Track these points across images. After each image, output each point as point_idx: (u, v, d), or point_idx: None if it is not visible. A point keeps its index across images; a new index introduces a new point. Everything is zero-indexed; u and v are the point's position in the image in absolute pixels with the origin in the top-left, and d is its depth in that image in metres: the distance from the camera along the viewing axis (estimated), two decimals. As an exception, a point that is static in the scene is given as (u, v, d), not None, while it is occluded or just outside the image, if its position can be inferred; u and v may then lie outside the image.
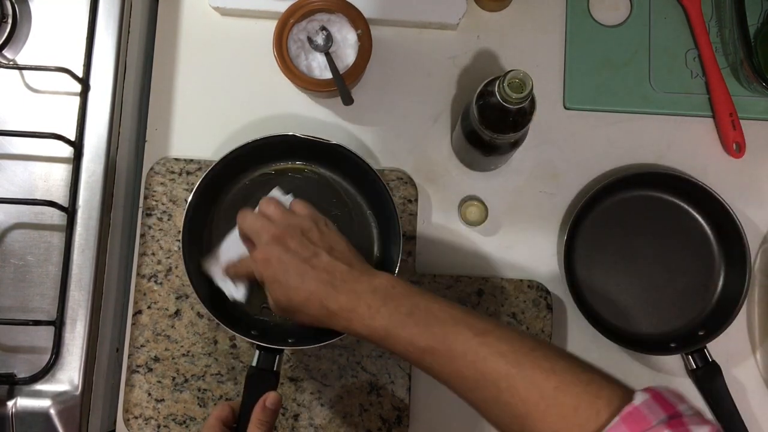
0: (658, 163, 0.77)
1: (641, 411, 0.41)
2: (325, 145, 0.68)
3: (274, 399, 0.56)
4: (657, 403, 0.41)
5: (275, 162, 0.71)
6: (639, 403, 0.41)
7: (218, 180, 0.69)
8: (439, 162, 0.77)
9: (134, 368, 0.71)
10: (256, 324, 0.68)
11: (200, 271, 0.66)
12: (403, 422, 0.71)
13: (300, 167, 0.72)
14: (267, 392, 0.56)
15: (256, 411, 0.55)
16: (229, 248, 0.65)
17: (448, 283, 0.73)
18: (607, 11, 0.80)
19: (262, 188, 0.69)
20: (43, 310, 0.68)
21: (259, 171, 0.71)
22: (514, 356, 0.47)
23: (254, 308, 0.69)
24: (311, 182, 0.71)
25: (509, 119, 0.61)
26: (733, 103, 0.76)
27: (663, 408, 0.41)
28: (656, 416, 0.41)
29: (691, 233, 0.76)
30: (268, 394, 0.56)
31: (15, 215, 0.69)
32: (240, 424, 0.56)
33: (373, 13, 0.75)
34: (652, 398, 0.42)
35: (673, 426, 0.40)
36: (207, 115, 0.77)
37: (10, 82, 0.72)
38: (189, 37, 0.79)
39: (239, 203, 0.70)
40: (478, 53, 0.79)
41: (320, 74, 0.73)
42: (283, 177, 0.71)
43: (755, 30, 0.77)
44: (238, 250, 0.64)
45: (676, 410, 0.41)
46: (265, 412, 0.55)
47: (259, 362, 0.61)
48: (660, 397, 0.42)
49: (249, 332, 0.64)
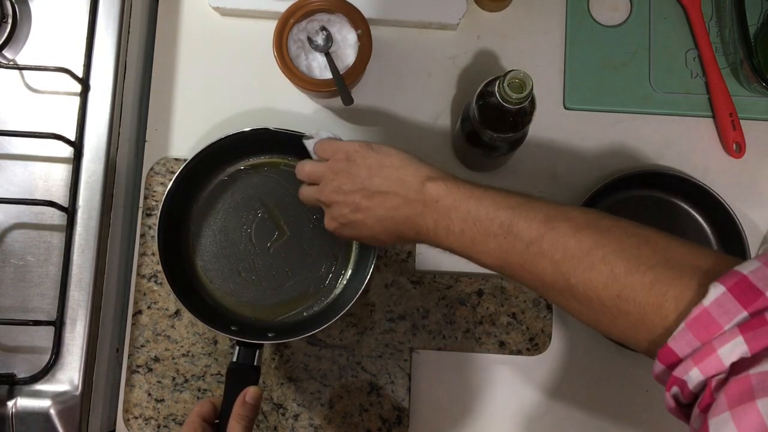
0: (658, 163, 0.77)
1: (710, 313, 0.36)
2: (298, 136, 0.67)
3: (254, 393, 0.56)
4: (735, 296, 0.35)
5: (251, 157, 0.72)
6: (709, 303, 0.36)
7: (192, 178, 0.69)
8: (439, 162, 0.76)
9: (134, 368, 0.71)
10: (235, 319, 0.68)
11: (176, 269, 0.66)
12: (403, 422, 0.71)
13: (276, 161, 0.72)
14: (247, 387, 0.57)
15: (236, 406, 0.55)
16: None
17: (448, 283, 0.73)
18: (607, 11, 0.80)
19: (237, 184, 0.71)
20: (43, 310, 0.68)
21: (234, 166, 0.72)
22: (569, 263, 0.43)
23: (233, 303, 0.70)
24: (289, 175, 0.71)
25: (509, 119, 0.61)
26: (733, 103, 0.76)
27: (743, 302, 0.35)
28: (730, 316, 0.35)
29: (691, 233, 0.76)
30: (248, 388, 0.57)
31: (15, 215, 0.69)
32: (221, 420, 0.56)
33: (373, 13, 0.75)
34: (729, 291, 0.36)
35: (747, 329, 0.34)
36: (207, 115, 0.77)
37: (10, 82, 0.72)
38: (189, 37, 0.79)
39: (216, 201, 0.71)
40: (478, 53, 0.79)
41: (320, 74, 0.73)
42: (258, 171, 0.72)
43: (755, 30, 0.77)
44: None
45: (760, 304, 0.35)
46: (245, 406, 0.55)
47: (239, 357, 0.62)
48: (741, 285, 0.36)
49: (228, 328, 0.65)
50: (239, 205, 0.71)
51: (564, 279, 0.44)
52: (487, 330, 0.72)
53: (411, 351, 0.72)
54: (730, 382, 0.34)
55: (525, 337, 0.72)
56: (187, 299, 0.64)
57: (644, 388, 0.74)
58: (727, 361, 0.35)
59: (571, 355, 0.74)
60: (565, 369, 0.74)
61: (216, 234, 0.71)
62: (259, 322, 0.69)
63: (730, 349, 0.35)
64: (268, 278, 0.70)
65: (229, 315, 0.69)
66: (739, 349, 0.34)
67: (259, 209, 0.71)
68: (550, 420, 0.74)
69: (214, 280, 0.70)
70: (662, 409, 0.73)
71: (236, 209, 0.71)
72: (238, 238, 0.71)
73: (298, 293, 0.70)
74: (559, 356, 0.74)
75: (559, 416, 0.73)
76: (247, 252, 0.70)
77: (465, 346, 0.72)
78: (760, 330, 0.34)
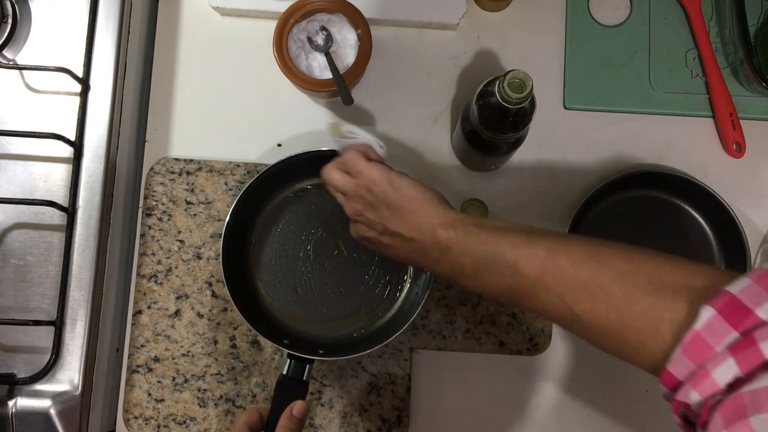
0: (658, 163, 0.77)
1: (702, 337, 0.37)
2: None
3: (301, 408, 0.57)
4: (725, 317, 0.36)
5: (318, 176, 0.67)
6: (700, 326, 0.37)
7: (262, 189, 0.69)
8: (439, 162, 0.77)
9: (134, 368, 0.71)
10: (288, 333, 0.69)
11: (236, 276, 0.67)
12: (403, 422, 0.71)
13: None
14: (294, 401, 0.58)
15: (282, 418, 0.56)
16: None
17: (448, 283, 0.73)
18: (607, 11, 0.80)
19: (301, 201, 0.72)
20: (43, 310, 0.68)
21: (301, 184, 0.72)
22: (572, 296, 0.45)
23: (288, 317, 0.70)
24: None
25: (509, 119, 0.61)
26: (733, 103, 0.76)
27: (733, 322, 0.36)
28: (721, 339, 0.36)
29: (691, 233, 0.76)
30: (296, 402, 0.58)
31: (15, 215, 0.69)
32: (267, 431, 0.57)
33: (373, 13, 0.75)
34: (719, 313, 0.37)
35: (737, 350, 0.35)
36: (207, 115, 0.77)
37: (10, 82, 0.72)
38: (189, 37, 0.79)
39: (280, 215, 0.72)
40: (478, 53, 0.79)
41: (320, 74, 0.73)
42: (321, 190, 0.71)
43: (755, 30, 0.77)
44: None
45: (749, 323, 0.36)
46: (291, 420, 0.56)
47: (289, 371, 0.62)
48: (731, 306, 0.37)
49: (282, 341, 0.65)
50: (301, 221, 0.72)
51: (569, 310, 0.46)
52: (487, 330, 0.72)
53: (411, 351, 0.72)
54: (725, 401, 0.35)
55: (525, 337, 0.72)
56: (245, 308, 0.65)
57: (644, 388, 0.74)
58: (722, 382, 0.36)
59: (571, 355, 0.74)
60: (565, 369, 0.74)
61: (276, 248, 0.71)
62: (311, 338, 0.69)
63: (723, 370, 0.36)
64: (323, 296, 0.71)
65: (283, 327, 0.69)
66: (732, 371, 0.36)
67: (320, 228, 0.71)
68: (551, 420, 0.74)
69: (271, 292, 0.70)
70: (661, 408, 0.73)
71: (298, 225, 0.71)
72: (297, 254, 0.71)
73: (351, 313, 0.70)
74: (559, 356, 0.74)
75: (560, 416, 0.73)
76: (305, 268, 0.71)
77: (465, 346, 0.72)
78: (750, 350, 0.35)
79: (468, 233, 0.52)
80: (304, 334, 0.70)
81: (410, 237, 0.55)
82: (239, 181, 0.74)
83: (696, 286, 0.41)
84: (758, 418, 0.32)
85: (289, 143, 0.77)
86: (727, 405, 0.35)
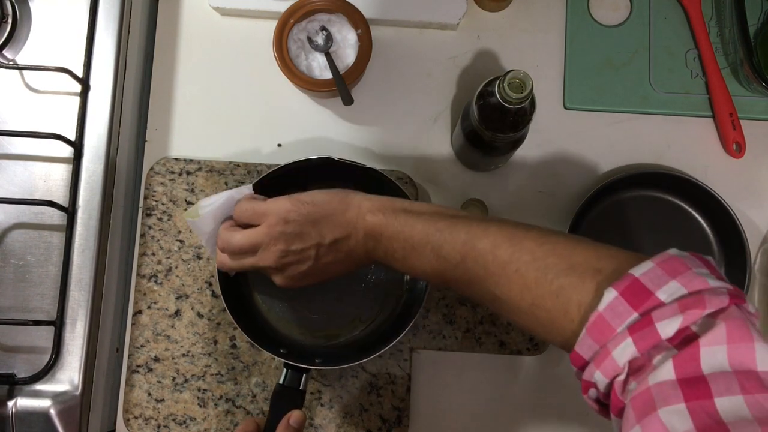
0: (658, 163, 0.77)
1: (604, 318, 0.39)
2: (361, 168, 0.66)
3: (298, 417, 0.57)
4: (626, 299, 0.38)
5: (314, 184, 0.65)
6: (603, 308, 0.39)
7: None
8: (439, 162, 0.77)
9: (134, 368, 0.71)
10: (284, 342, 0.68)
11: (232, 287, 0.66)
12: (403, 422, 0.71)
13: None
14: (291, 410, 0.58)
15: (279, 429, 0.56)
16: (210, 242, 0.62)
17: (448, 283, 0.73)
18: (607, 11, 0.80)
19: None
20: (43, 310, 0.68)
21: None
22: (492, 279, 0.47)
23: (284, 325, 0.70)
24: None
25: (509, 119, 0.61)
26: (733, 103, 0.76)
27: (633, 304, 0.38)
28: (621, 319, 0.38)
29: (691, 233, 0.76)
30: (293, 412, 0.57)
31: (15, 215, 0.69)
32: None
33: (373, 13, 0.75)
34: (621, 294, 0.39)
35: (635, 330, 0.37)
36: (207, 115, 0.77)
37: (10, 82, 0.72)
38: (189, 37, 0.79)
39: None
40: (478, 53, 0.79)
41: (320, 74, 0.73)
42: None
43: (755, 30, 0.77)
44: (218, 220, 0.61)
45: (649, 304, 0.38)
46: (288, 429, 0.56)
47: (285, 380, 0.62)
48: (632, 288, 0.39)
49: (278, 350, 0.65)
50: None
51: (490, 292, 0.48)
52: (487, 330, 0.72)
53: (411, 351, 0.72)
54: (635, 395, 0.36)
55: (525, 337, 0.72)
56: (240, 317, 0.64)
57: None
58: (621, 361, 0.38)
59: (571, 355, 0.74)
60: (565, 369, 0.74)
61: None
62: (308, 347, 0.69)
63: (622, 350, 0.38)
64: (320, 305, 0.70)
65: (279, 337, 0.69)
66: (629, 350, 0.37)
67: None
68: (551, 420, 0.74)
69: (267, 301, 0.70)
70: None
71: None
72: None
73: (348, 322, 0.70)
74: (559, 356, 0.74)
75: (560, 416, 0.73)
76: None
77: (465, 346, 0.72)
78: (647, 330, 0.37)
79: (396, 217, 0.54)
80: (300, 343, 0.69)
81: (346, 235, 0.55)
82: (239, 181, 0.74)
83: (605, 269, 0.42)
84: (666, 411, 0.34)
85: (289, 143, 0.77)
86: (637, 398, 0.36)
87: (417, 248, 0.52)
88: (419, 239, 0.52)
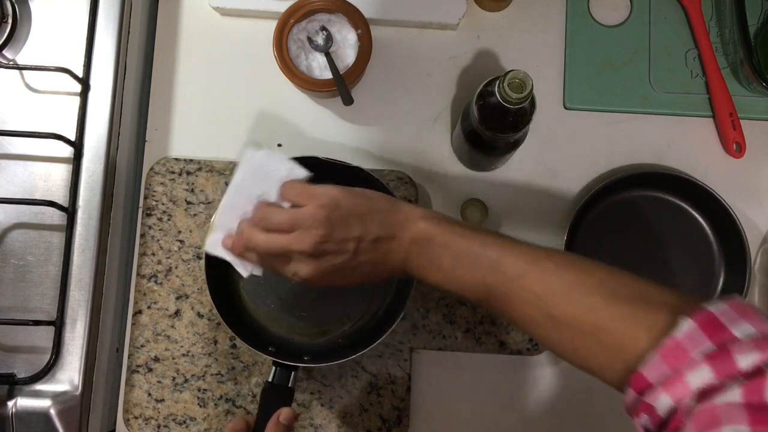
0: (658, 163, 0.77)
1: (681, 344, 0.39)
2: (346, 167, 0.66)
3: (288, 414, 0.57)
4: (703, 330, 0.39)
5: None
6: (680, 334, 0.40)
7: None
8: (439, 162, 0.77)
9: (134, 368, 0.71)
10: (272, 340, 0.68)
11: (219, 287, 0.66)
12: (403, 422, 0.71)
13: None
14: (281, 407, 0.57)
15: (269, 426, 0.56)
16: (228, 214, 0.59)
17: (448, 283, 0.73)
18: (607, 11, 0.80)
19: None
20: (43, 310, 0.68)
21: None
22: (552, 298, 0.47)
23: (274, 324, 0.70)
24: None
25: (509, 119, 0.61)
26: (733, 103, 0.76)
27: (710, 335, 0.39)
28: (698, 347, 0.39)
29: (691, 233, 0.76)
30: (282, 409, 0.57)
31: (15, 215, 0.69)
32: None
33: (373, 13, 0.75)
34: (698, 324, 0.40)
35: (713, 358, 0.38)
36: (207, 115, 0.77)
37: (10, 82, 0.72)
38: (189, 37, 0.79)
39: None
40: (478, 53, 0.79)
41: (320, 74, 0.73)
42: None
43: (755, 30, 0.77)
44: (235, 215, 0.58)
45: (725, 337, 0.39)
46: (278, 427, 0.56)
47: (274, 378, 0.62)
48: (709, 321, 0.40)
49: (266, 348, 0.65)
50: None
51: (545, 312, 0.48)
52: (487, 330, 0.72)
53: (411, 351, 0.72)
54: (700, 411, 0.37)
55: (525, 337, 0.72)
56: (228, 317, 0.64)
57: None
58: (694, 386, 0.38)
59: (571, 355, 0.74)
60: (565, 369, 0.74)
61: None
62: (296, 345, 0.69)
63: (698, 375, 0.38)
64: (306, 303, 0.71)
65: (267, 335, 0.69)
66: (706, 376, 0.38)
67: None
68: (550, 420, 0.74)
69: (255, 300, 0.70)
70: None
71: None
72: None
73: (336, 319, 0.71)
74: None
75: (559, 416, 0.73)
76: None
77: (465, 346, 0.72)
78: (725, 360, 0.37)
79: (451, 226, 0.53)
80: (288, 340, 0.70)
81: (390, 235, 0.53)
82: (239, 181, 0.74)
83: (671, 303, 0.43)
84: (730, 428, 0.34)
85: (289, 143, 0.77)
86: (702, 414, 0.37)
87: (471, 258, 0.51)
88: (476, 249, 0.51)
